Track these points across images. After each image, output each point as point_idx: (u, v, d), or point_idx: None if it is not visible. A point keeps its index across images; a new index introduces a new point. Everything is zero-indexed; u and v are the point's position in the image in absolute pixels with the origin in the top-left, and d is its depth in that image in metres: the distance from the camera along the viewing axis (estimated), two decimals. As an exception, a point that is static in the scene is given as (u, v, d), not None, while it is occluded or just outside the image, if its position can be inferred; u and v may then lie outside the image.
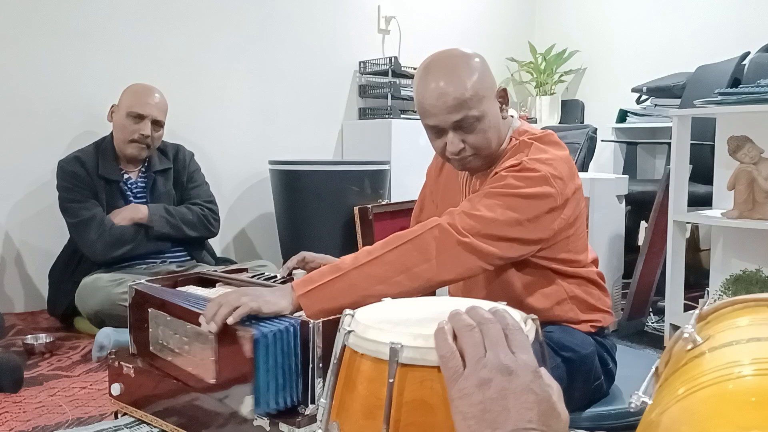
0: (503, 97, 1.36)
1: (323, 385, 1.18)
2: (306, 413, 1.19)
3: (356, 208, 2.85)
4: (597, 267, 1.46)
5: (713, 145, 2.40)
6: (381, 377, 0.71)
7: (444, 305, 0.83)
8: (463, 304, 0.74)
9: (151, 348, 1.45)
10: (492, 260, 1.23)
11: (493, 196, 1.25)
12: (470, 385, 0.63)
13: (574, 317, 1.38)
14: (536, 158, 1.28)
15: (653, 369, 0.77)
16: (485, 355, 0.64)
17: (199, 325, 1.24)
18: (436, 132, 1.33)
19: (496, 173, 1.31)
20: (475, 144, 1.32)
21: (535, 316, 0.79)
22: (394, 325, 0.76)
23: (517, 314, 0.78)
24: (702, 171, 2.57)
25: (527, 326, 0.77)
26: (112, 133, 2.49)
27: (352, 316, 0.80)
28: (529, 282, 1.36)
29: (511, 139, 1.38)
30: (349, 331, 0.77)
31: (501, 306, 0.77)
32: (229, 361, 1.21)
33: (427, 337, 0.69)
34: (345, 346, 0.78)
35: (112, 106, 2.50)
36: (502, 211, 1.22)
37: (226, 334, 1.19)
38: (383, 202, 2.97)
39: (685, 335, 0.73)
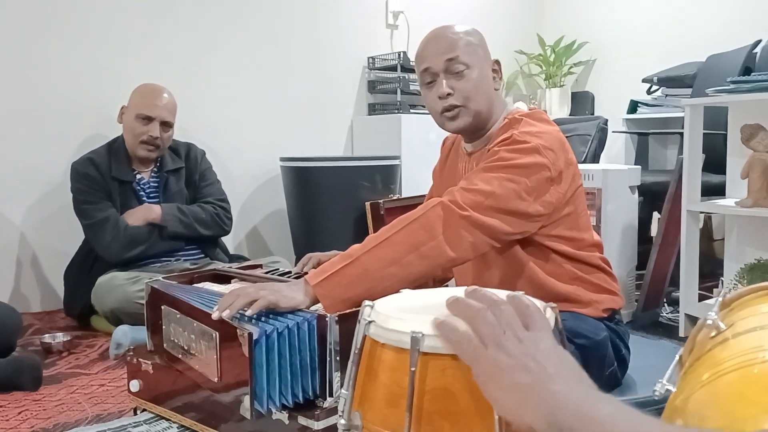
0: (496, 70, 1.45)
1: (341, 378, 1.19)
2: (324, 406, 1.20)
3: (368, 204, 2.85)
4: (601, 252, 1.47)
5: (725, 135, 2.39)
6: (403, 366, 0.71)
7: (461, 294, 0.84)
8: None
9: (164, 345, 1.46)
10: (496, 234, 1.25)
11: (489, 170, 1.28)
12: (500, 362, 0.62)
13: (584, 296, 1.39)
14: (526, 131, 1.32)
15: (677, 357, 0.77)
16: (505, 333, 0.65)
17: (204, 323, 1.24)
18: (429, 81, 1.41)
19: (490, 150, 1.34)
20: (463, 92, 1.38)
21: (554, 305, 0.80)
22: (415, 314, 0.77)
23: (536, 302, 0.78)
24: (715, 160, 2.55)
25: (547, 314, 0.77)
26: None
27: (372, 307, 0.81)
28: (534, 261, 1.38)
29: (504, 120, 1.42)
30: (370, 322, 0.78)
31: (519, 294, 0.78)
32: (231, 360, 1.20)
33: (448, 325, 0.70)
34: (366, 336, 0.78)
35: (122, 108, 2.51)
36: (499, 183, 1.25)
37: (229, 333, 1.19)
38: (394, 197, 2.97)
39: (709, 322, 0.73)
